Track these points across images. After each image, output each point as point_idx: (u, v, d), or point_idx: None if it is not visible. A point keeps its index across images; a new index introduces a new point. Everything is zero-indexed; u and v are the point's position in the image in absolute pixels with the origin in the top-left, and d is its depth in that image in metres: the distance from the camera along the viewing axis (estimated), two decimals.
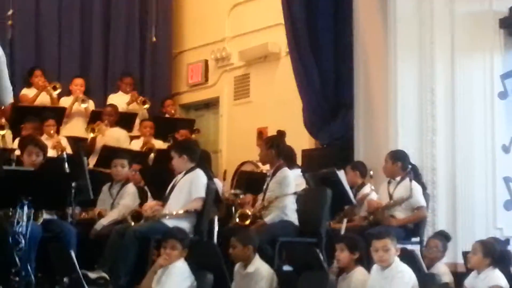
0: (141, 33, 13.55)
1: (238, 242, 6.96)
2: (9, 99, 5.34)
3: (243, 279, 6.95)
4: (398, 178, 8.34)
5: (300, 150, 10.24)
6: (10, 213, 6.89)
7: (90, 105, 11.58)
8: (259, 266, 6.94)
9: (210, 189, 7.79)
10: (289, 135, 9.58)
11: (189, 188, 7.68)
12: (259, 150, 8.50)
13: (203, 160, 8.42)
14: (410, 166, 8.29)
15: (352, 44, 9.85)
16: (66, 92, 11.72)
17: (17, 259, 6.55)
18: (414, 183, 8.17)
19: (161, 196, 7.88)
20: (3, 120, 10.66)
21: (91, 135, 10.76)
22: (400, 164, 8.36)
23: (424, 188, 8.52)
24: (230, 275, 6.96)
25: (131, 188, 8.41)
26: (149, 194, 8.47)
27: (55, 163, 8.04)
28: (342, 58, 10.41)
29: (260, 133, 11.61)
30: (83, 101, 11.45)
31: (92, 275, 7.18)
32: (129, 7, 13.49)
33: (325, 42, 10.52)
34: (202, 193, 7.69)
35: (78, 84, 11.71)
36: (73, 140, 10.61)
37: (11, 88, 5.28)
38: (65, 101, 11.54)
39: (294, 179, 8.16)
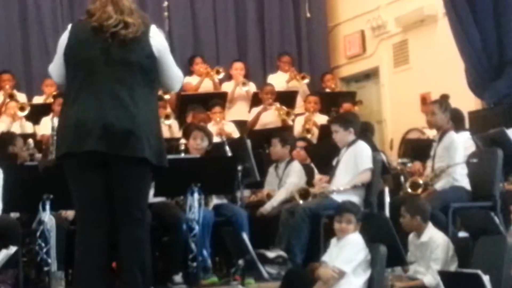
0: (295, 10, 13.53)
1: (405, 212, 6.85)
2: (178, 85, 5.36)
3: (418, 248, 6.82)
4: None
5: (466, 112, 9.95)
6: (182, 202, 7.10)
7: (251, 87, 11.68)
8: (433, 234, 6.78)
9: (376, 160, 7.70)
10: (454, 98, 9.31)
11: (354, 161, 7.62)
12: (425, 116, 8.31)
13: (366, 131, 8.34)
14: None
15: None
16: (227, 77, 11.89)
17: (192, 245, 6.74)
18: None
19: (328, 172, 7.85)
20: (169, 110, 10.89)
21: (291, 118, 10.86)
22: None
23: None
24: (405, 246, 6.86)
25: (296, 165, 8.43)
26: (315, 170, 8.47)
27: (218, 148, 8.17)
28: (502, 12, 10.04)
29: (424, 99, 11.39)
30: (244, 84, 11.56)
31: (270, 254, 7.22)
32: None
33: None
34: (369, 163, 7.61)
35: (238, 68, 11.85)
36: (238, 124, 10.74)
37: (180, 73, 5.29)
38: (226, 86, 11.69)
39: (463, 143, 7.95)
